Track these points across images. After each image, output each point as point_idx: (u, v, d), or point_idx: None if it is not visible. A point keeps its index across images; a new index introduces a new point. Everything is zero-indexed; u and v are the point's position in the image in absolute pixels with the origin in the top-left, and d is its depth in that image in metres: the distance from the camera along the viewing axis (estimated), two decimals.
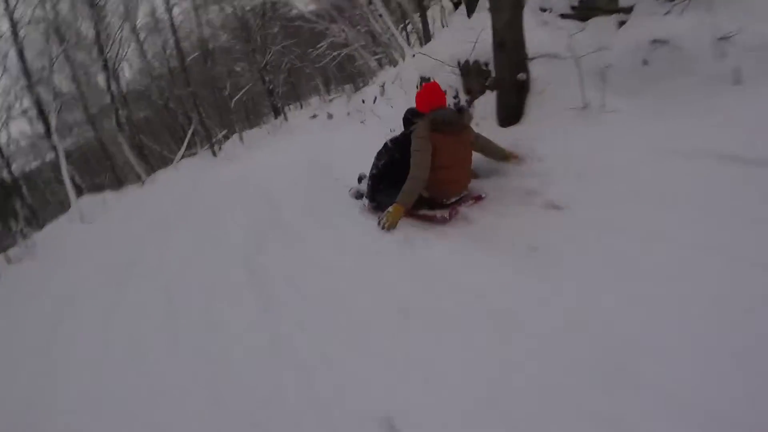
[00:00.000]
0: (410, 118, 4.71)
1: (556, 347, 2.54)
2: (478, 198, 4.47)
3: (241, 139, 22.23)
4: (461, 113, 4.40)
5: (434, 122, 4.27)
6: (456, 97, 6.65)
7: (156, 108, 27.08)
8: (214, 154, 19.93)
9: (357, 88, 29.15)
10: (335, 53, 26.75)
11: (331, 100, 38.98)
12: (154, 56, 24.95)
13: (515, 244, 3.61)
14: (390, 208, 4.28)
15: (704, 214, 3.04)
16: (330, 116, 17.84)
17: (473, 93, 6.26)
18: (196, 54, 25.05)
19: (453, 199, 4.47)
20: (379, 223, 4.35)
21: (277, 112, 32.96)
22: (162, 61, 24.84)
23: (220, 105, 27.24)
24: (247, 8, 28.54)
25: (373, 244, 4.27)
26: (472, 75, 6.27)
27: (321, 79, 43.14)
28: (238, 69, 30.66)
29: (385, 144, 4.85)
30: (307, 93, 48.38)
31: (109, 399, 3.51)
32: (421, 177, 4.21)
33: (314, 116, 22.57)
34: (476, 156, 4.69)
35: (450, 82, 6.78)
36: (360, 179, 5.74)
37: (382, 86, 12.25)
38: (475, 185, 4.75)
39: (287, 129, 21.75)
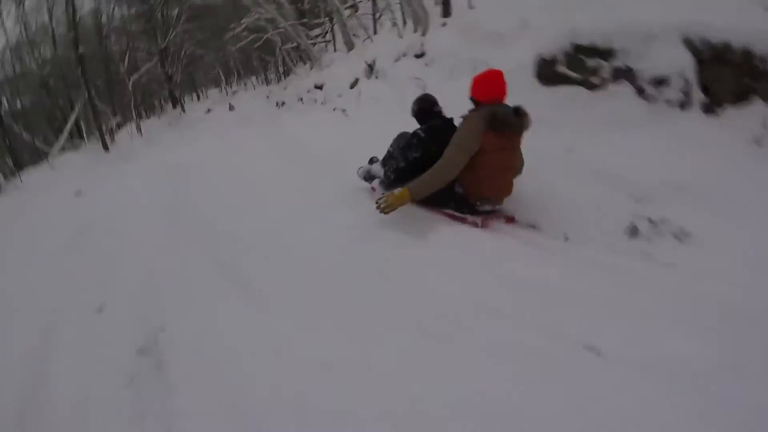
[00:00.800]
0: (431, 105, 4.43)
1: None
2: (511, 219, 3.96)
3: (139, 130, 17.80)
4: (521, 115, 3.70)
5: (495, 118, 3.59)
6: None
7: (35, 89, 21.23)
8: (106, 147, 15.29)
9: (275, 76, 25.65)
10: (255, 35, 23.18)
11: (234, 93, 36.23)
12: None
13: None
14: (396, 191, 3.66)
15: None
16: (231, 107, 15.55)
17: None
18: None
19: (487, 208, 3.87)
20: (377, 203, 3.71)
21: (175, 101, 29.00)
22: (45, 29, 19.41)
23: (113, 87, 22.12)
24: None
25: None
26: None
27: (222, 69, 39.49)
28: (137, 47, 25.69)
29: (417, 134, 4.17)
30: (206, 83, 44.55)
31: None
32: (447, 176, 3.67)
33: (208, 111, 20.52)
34: None
35: None
36: (371, 161, 5.01)
37: (371, 65, 10.49)
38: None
39: (188, 122, 18.69)
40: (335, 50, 16.70)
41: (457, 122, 3.96)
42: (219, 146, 10.01)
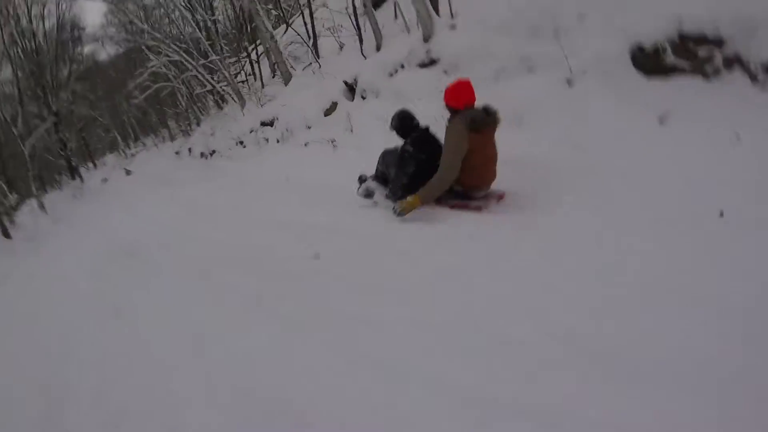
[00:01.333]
0: (411, 119, 5.02)
1: None
2: (501, 196, 4.60)
3: (42, 206, 14.77)
4: (492, 113, 4.43)
5: (474, 122, 4.29)
6: None
7: None
8: (6, 233, 12.27)
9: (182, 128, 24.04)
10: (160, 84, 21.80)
11: (133, 155, 33.09)
12: None
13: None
14: (409, 198, 4.55)
15: None
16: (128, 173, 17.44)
17: None
18: None
19: (481, 194, 4.59)
20: (393, 210, 4.69)
21: (72, 171, 25.73)
22: None
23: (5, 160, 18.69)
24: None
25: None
26: None
27: (118, 131, 36.13)
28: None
29: (404, 150, 4.88)
30: (101, 149, 40.80)
31: None
32: (450, 179, 4.42)
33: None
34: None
35: None
36: (361, 179, 5.62)
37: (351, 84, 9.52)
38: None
39: (92, 192, 16.85)
40: (263, 85, 14.55)
41: (433, 129, 4.98)
42: (150, 215, 9.20)
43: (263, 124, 12.10)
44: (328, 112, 9.65)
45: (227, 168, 11.96)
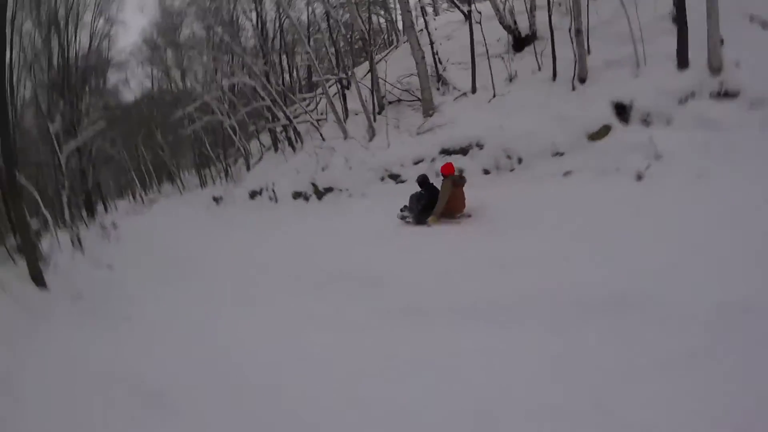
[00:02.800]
0: (426, 179, 8.37)
1: None
2: (469, 216, 7.91)
3: (79, 243, 10.23)
4: (462, 177, 8.01)
5: (454, 182, 7.81)
6: None
7: None
8: (40, 280, 7.15)
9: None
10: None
11: (152, 201, 29.14)
12: None
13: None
14: (431, 218, 7.93)
15: None
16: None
17: None
18: None
19: (458, 216, 7.94)
20: (428, 224, 7.96)
21: (92, 208, 21.73)
22: None
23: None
24: None
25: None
26: None
27: (136, 173, 31.91)
28: None
29: (419, 195, 8.22)
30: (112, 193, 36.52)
31: None
32: (443, 207, 7.85)
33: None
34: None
35: None
36: (402, 209, 8.48)
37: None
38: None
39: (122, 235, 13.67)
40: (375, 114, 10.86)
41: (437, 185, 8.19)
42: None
43: (445, 151, 9.38)
44: (595, 137, 7.83)
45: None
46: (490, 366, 3.66)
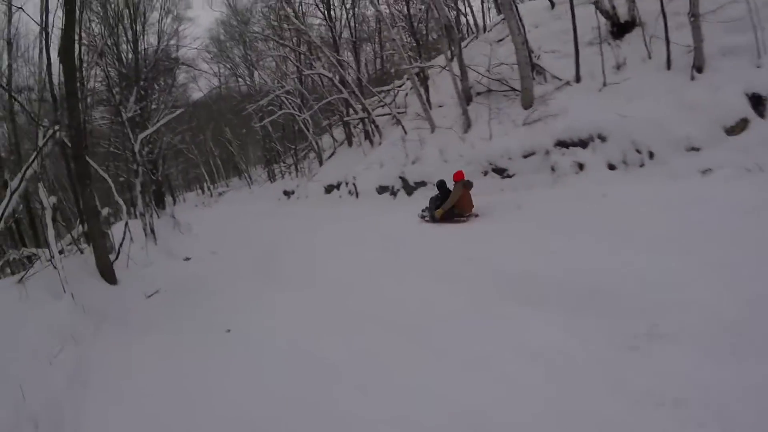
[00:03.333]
0: (444, 183, 8.47)
1: None
2: (477, 215, 7.98)
3: (152, 233, 9.42)
4: (469, 182, 8.06)
5: (464, 185, 7.97)
6: None
7: None
8: (110, 276, 6.10)
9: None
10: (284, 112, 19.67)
11: (220, 194, 29.07)
12: None
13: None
14: (437, 211, 8.16)
15: None
16: None
17: None
18: None
19: (466, 215, 8.02)
20: (433, 218, 8.27)
21: (161, 199, 21.40)
22: None
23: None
24: None
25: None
26: None
27: (205, 167, 31.90)
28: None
29: (436, 197, 8.41)
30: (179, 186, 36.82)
31: None
32: (450, 205, 7.99)
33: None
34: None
35: None
36: (423, 210, 8.70)
37: None
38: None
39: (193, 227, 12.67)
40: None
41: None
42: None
43: (562, 144, 8.00)
44: (733, 131, 6.61)
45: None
46: None
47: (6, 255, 8.32)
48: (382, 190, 10.93)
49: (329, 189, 14.25)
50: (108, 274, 6.07)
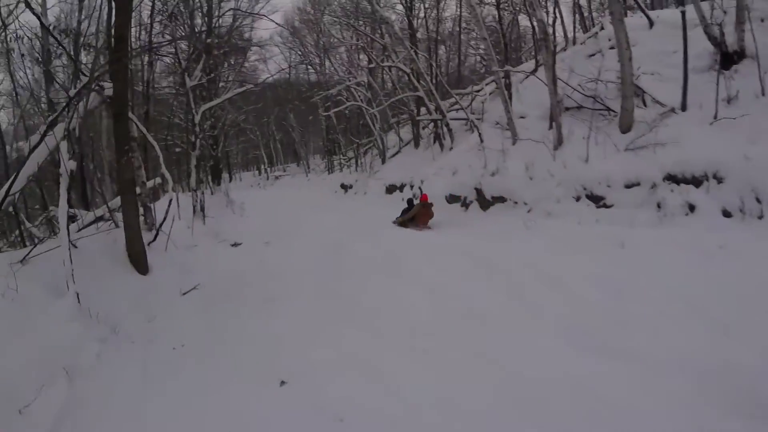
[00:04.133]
0: (412, 201, 10.33)
1: None
2: (430, 227, 9.25)
3: (202, 211, 8.75)
4: (429, 204, 9.37)
5: (424, 206, 9.32)
6: None
7: None
8: (142, 266, 5.18)
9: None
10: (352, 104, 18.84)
11: (277, 177, 28.71)
12: None
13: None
14: (396, 220, 9.75)
15: None
16: None
17: None
18: None
19: (421, 226, 9.21)
20: (394, 223, 9.76)
21: (218, 175, 20.70)
22: None
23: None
24: None
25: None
26: None
27: (265, 150, 31.52)
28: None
29: (405, 209, 9.93)
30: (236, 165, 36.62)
31: None
32: (408, 220, 9.44)
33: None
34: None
35: None
36: (396, 218, 9.91)
37: None
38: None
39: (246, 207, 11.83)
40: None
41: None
42: None
43: (672, 178, 6.65)
44: None
45: None
46: None
47: (47, 212, 7.64)
48: (452, 199, 9.86)
49: (391, 189, 13.32)
50: (139, 261, 5.11)
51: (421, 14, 18.85)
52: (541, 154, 8.40)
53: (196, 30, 18.32)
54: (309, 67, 28.11)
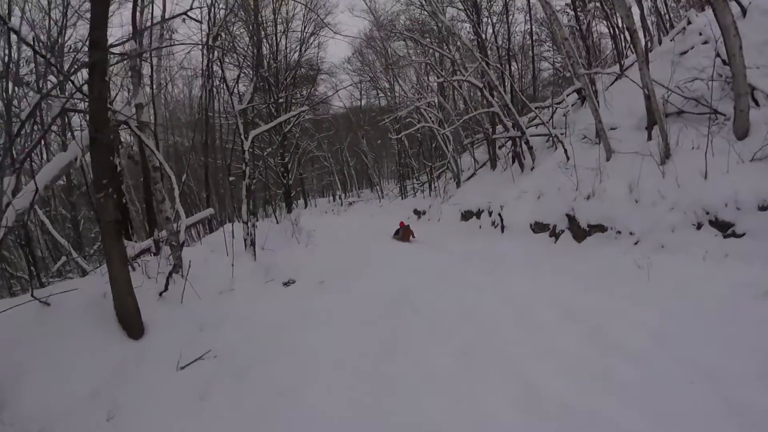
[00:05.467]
0: (402, 224, 12.79)
1: None
2: (412, 240, 11.80)
3: (252, 245, 7.40)
4: (407, 227, 12.24)
5: (405, 229, 12.11)
6: None
7: None
8: (135, 332, 4.03)
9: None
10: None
11: (351, 203, 28.15)
12: None
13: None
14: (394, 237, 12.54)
15: None
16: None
17: None
18: None
19: (411, 240, 11.86)
20: (393, 237, 12.61)
21: (290, 203, 20.22)
22: None
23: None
24: None
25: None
26: None
27: (339, 177, 30.99)
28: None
29: (398, 229, 12.42)
30: (311, 192, 36.64)
31: None
32: (397, 238, 12.28)
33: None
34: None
35: None
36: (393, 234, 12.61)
37: None
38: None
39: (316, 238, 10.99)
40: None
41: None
42: None
43: None
44: None
45: None
46: None
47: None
48: (538, 228, 8.17)
49: (466, 215, 12.10)
50: (129, 322, 3.94)
51: (489, 29, 17.46)
52: (646, 170, 6.58)
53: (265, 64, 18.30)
54: (379, 92, 27.56)
